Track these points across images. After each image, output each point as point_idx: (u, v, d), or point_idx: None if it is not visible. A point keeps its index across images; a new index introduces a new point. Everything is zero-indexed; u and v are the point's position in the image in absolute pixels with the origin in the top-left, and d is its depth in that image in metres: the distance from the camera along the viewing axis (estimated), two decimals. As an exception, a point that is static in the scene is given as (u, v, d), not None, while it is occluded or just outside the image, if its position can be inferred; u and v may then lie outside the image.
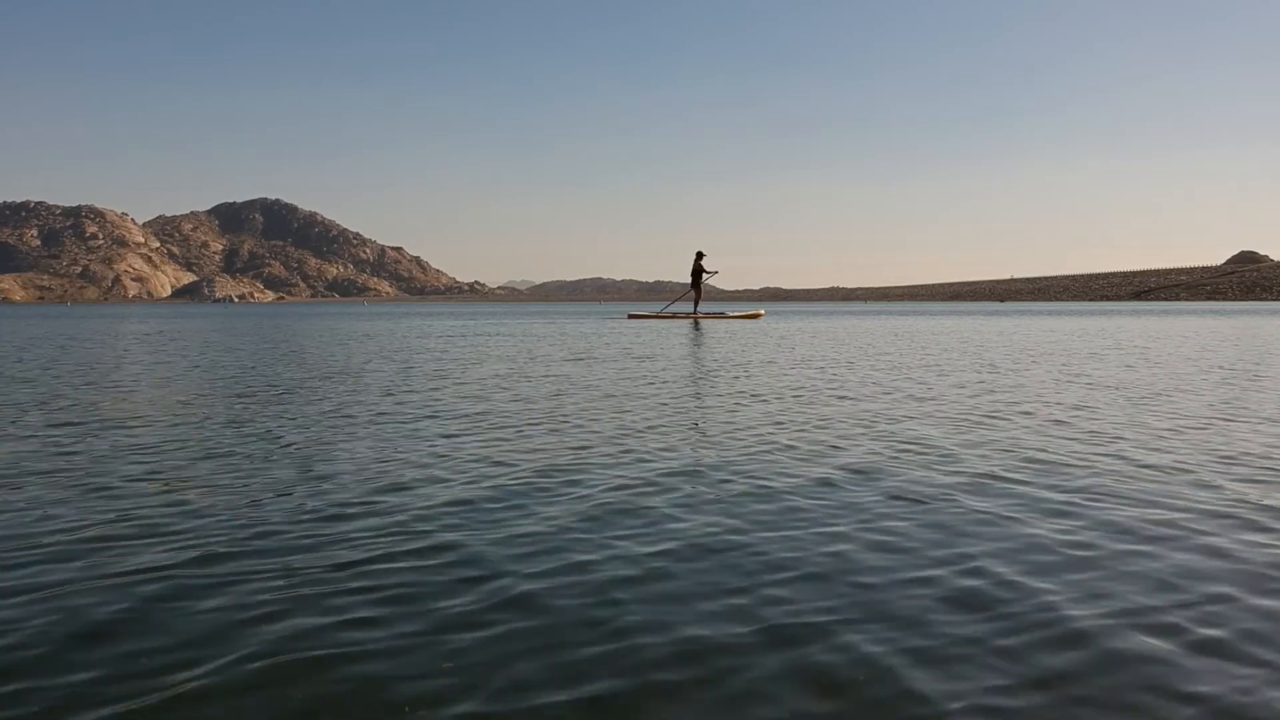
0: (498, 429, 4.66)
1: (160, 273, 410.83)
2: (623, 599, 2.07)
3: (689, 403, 5.83)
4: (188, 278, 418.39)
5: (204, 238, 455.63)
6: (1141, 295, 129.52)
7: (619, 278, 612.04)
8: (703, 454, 3.97)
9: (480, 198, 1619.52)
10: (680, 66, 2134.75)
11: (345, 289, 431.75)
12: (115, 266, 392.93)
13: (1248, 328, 19.44)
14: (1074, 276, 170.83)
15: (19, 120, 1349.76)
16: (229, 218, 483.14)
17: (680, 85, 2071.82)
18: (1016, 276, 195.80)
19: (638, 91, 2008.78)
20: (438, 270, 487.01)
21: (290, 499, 3.07)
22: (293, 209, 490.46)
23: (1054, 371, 8.27)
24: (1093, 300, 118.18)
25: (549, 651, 1.78)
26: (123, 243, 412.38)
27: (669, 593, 2.12)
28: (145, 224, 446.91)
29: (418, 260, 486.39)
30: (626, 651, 1.79)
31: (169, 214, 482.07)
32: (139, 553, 2.43)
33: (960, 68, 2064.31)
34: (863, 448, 4.11)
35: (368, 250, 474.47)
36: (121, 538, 2.57)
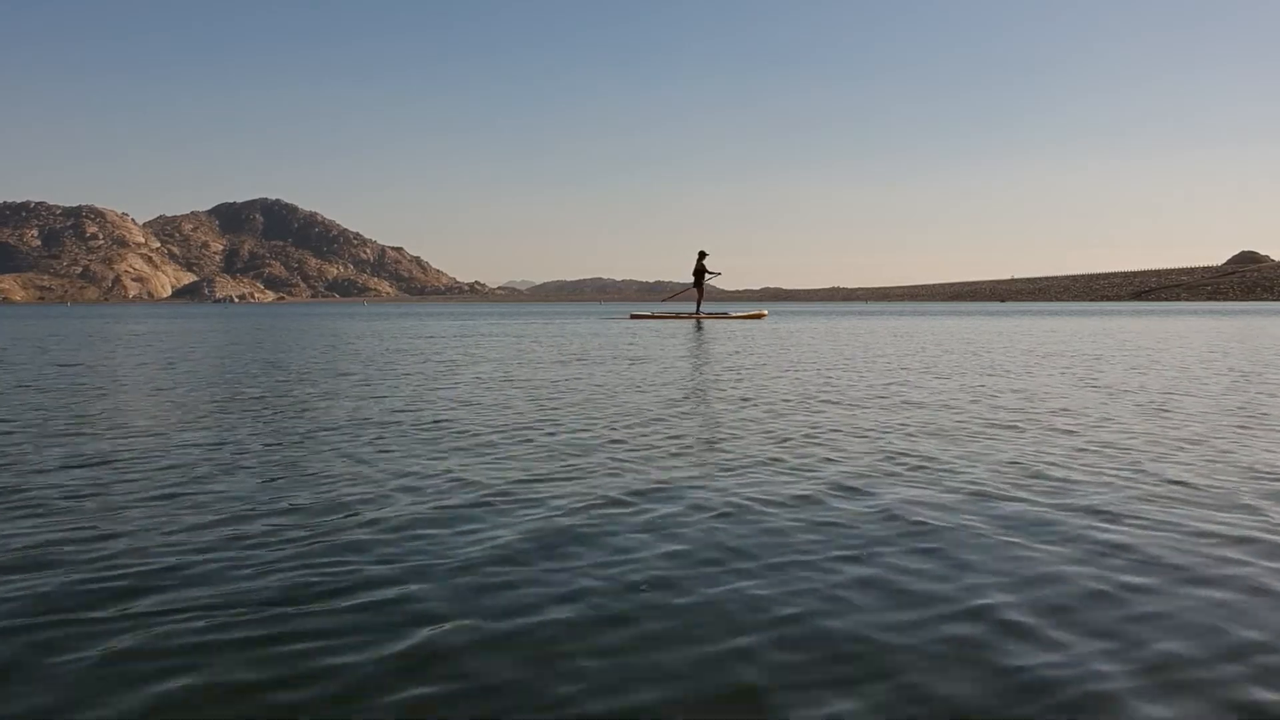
0: (463, 439, 4.35)
1: (160, 273, 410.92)
2: (566, 655, 1.77)
3: (677, 410, 5.51)
4: (188, 278, 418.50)
5: (204, 238, 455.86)
6: (1142, 295, 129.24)
7: (619, 278, 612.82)
8: (680, 469, 3.64)
9: (480, 198, 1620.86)
10: (680, 66, 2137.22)
11: (345, 289, 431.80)
12: (115, 267, 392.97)
13: (1253, 328, 19.14)
14: (1074, 277, 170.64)
15: (19, 120, 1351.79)
16: (229, 218, 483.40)
17: (680, 85, 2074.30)
18: (1017, 277, 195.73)
19: (638, 91, 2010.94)
20: (438, 270, 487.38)
21: (204, 521, 2.75)
22: (293, 209, 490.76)
23: (1061, 375, 7.97)
24: (1093, 300, 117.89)
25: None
26: (123, 243, 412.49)
27: (622, 646, 1.81)
28: (145, 224, 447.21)
29: (418, 260, 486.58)
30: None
31: (169, 214, 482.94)
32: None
33: (960, 68, 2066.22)
34: (860, 462, 3.78)
35: (368, 250, 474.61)
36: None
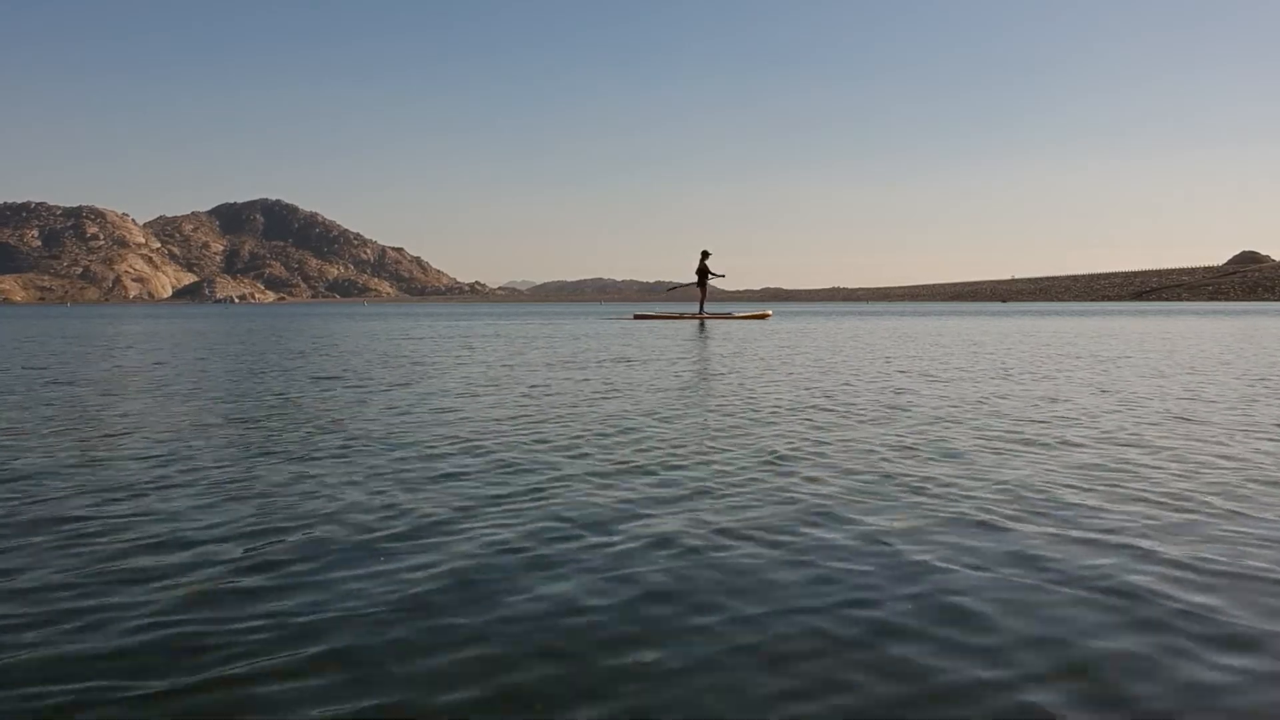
0: (415, 450, 3.97)
1: (161, 273, 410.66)
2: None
3: (659, 419, 5.10)
4: (188, 278, 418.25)
5: (205, 238, 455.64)
6: (1143, 295, 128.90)
7: (619, 278, 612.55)
8: (645, 490, 3.23)
9: (480, 198, 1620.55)
10: (680, 66, 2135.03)
11: (346, 289, 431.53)
12: (116, 267, 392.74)
13: (1262, 329, 18.78)
14: (1075, 277, 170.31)
15: (19, 120, 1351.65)
16: (230, 218, 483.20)
17: (680, 85, 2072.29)
18: (1018, 277, 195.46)
19: (638, 91, 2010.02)
20: (438, 270, 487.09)
21: (117, 547, 2.37)
22: (293, 209, 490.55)
23: (1079, 379, 7.60)
24: (1095, 300, 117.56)
25: None
26: (123, 243, 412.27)
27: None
28: (146, 224, 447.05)
29: (418, 260, 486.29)
30: None
31: (170, 214, 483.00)
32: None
33: (960, 68, 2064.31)
34: (854, 485, 3.33)
35: (368, 251, 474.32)
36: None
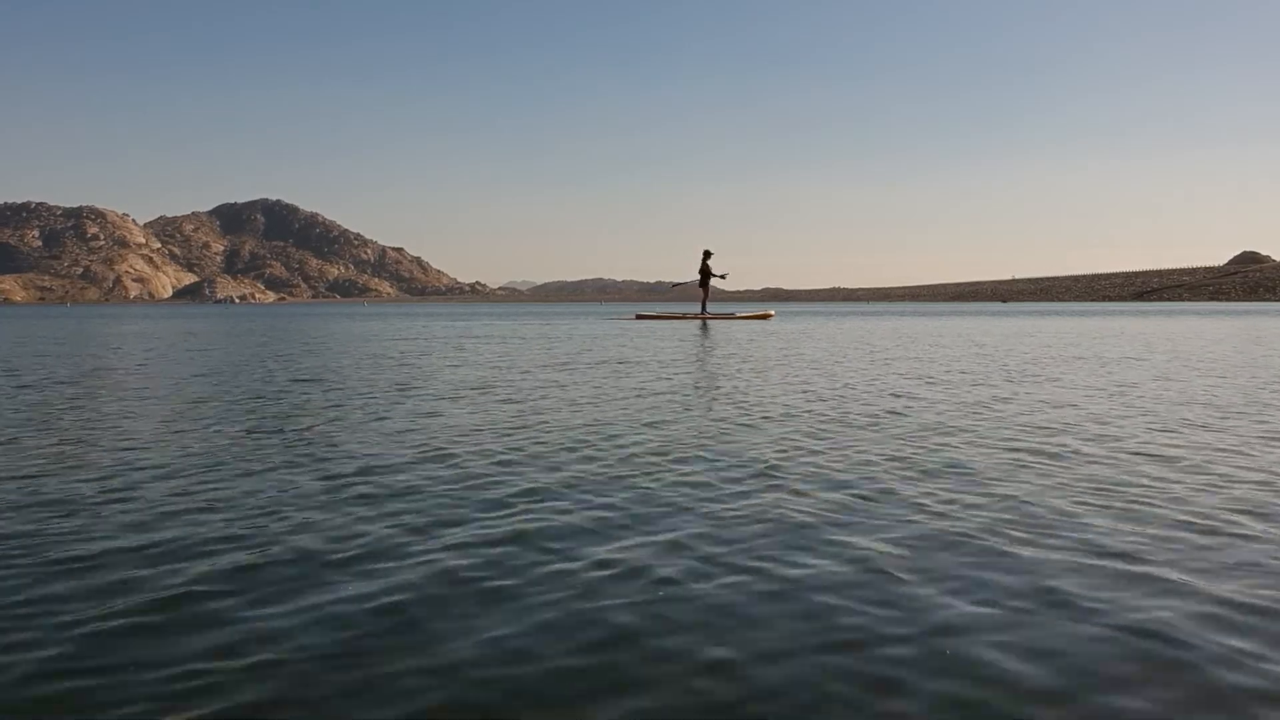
0: (388, 460, 3.83)
1: (161, 273, 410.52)
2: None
3: (650, 424, 4.87)
4: (189, 278, 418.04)
5: (205, 238, 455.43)
6: (1144, 295, 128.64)
7: (620, 278, 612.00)
8: (623, 504, 2.94)
9: (480, 198, 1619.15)
10: (680, 66, 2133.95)
11: (346, 289, 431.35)
12: (116, 267, 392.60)
13: (1266, 329, 18.63)
14: (1076, 277, 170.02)
15: (19, 120, 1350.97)
16: (230, 218, 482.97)
17: (680, 85, 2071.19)
18: (1018, 277, 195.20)
19: (638, 91, 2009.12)
20: (439, 271, 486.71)
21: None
22: (294, 209, 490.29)
23: (1087, 383, 7.41)
24: (1096, 300, 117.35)
25: None
26: (124, 243, 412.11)
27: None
28: (146, 225, 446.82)
29: (418, 261, 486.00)
30: None
31: (170, 214, 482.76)
32: None
33: (960, 68, 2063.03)
34: (852, 503, 2.94)
35: (368, 251, 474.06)
36: None
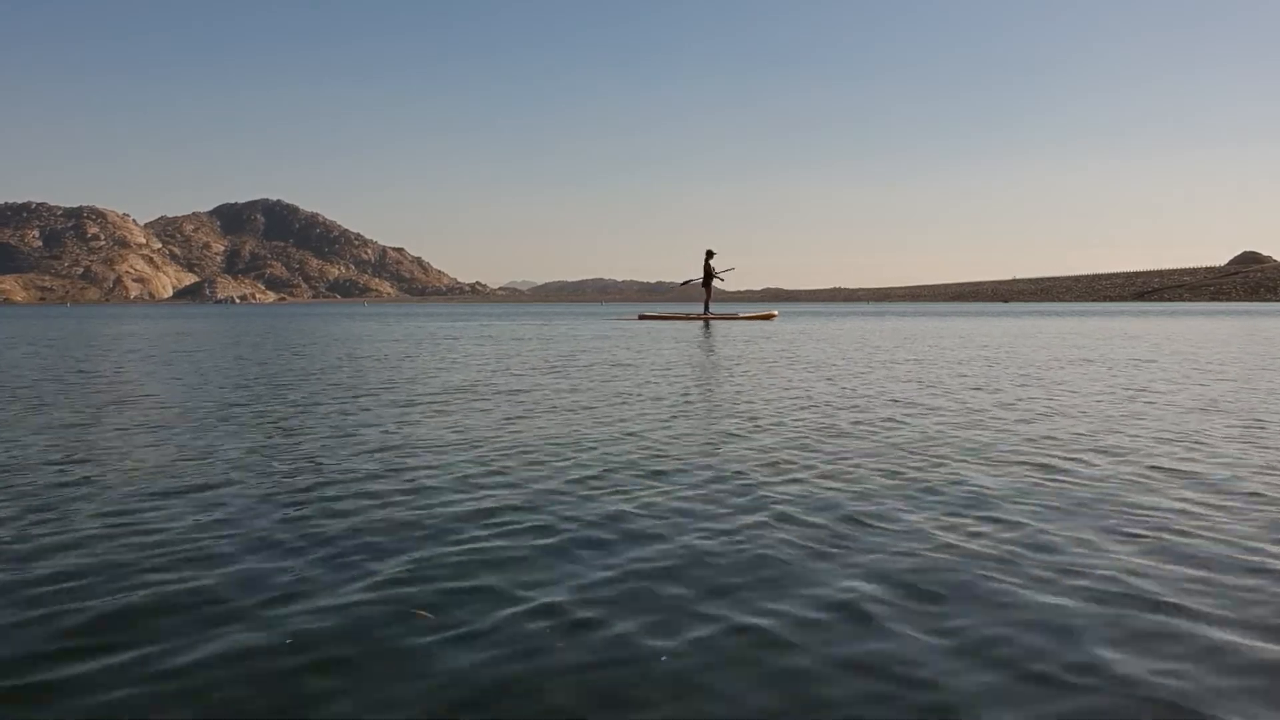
0: (338, 474, 3.62)
1: (162, 274, 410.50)
2: None
3: (631, 433, 4.55)
4: (189, 278, 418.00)
5: (205, 238, 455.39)
6: (1144, 296, 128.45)
7: (620, 278, 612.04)
8: (572, 529, 2.68)
9: (481, 198, 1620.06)
10: (680, 66, 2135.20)
11: (347, 290, 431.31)
12: (117, 267, 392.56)
13: (1273, 330, 18.44)
14: (1077, 277, 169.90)
15: (19, 120, 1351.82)
16: (230, 218, 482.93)
17: (680, 85, 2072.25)
18: (1019, 277, 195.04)
19: (638, 91, 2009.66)
20: (439, 271, 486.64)
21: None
22: (294, 210, 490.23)
23: (1105, 388, 7.22)
24: (1096, 300, 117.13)
25: None
26: (124, 243, 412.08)
27: None
28: (147, 225, 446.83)
29: (419, 261, 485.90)
30: None
31: (170, 215, 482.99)
32: None
33: (960, 68, 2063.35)
34: (840, 534, 2.59)
35: (369, 251, 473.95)
36: None
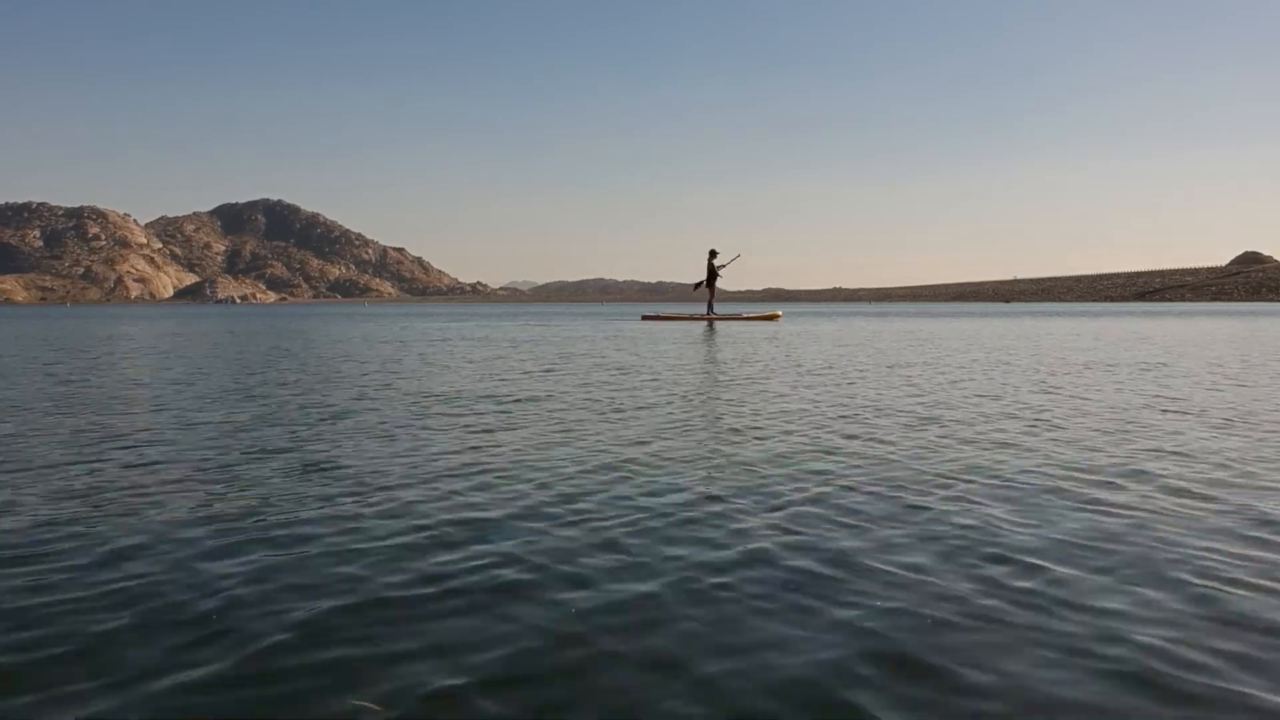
0: (296, 485, 3.48)
1: (162, 273, 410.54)
2: None
3: (619, 449, 4.26)
4: (190, 278, 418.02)
5: (206, 238, 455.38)
6: (1145, 296, 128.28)
7: (621, 278, 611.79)
8: (535, 556, 2.41)
9: (481, 198, 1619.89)
10: (680, 66, 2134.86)
11: (347, 290, 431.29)
12: (117, 267, 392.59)
13: (1270, 330, 18.31)
14: (1078, 277, 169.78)
15: (19, 120, 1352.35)
16: (231, 218, 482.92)
17: (680, 85, 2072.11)
18: (1019, 277, 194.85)
19: (638, 91, 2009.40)
20: (440, 271, 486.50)
21: None
22: (295, 210, 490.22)
23: (1124, 394, 7.07)
24: (1097, 301, 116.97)
25: None
26: (125, 243, 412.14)
27: None
28: (147, 225, 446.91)
29: (419, 261, 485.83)
30: None
31: (171, 215, 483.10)
32: None
33: (960, 68, 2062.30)
34: (826, 576, 2.23)
35: (369, 251, 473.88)
36: None
